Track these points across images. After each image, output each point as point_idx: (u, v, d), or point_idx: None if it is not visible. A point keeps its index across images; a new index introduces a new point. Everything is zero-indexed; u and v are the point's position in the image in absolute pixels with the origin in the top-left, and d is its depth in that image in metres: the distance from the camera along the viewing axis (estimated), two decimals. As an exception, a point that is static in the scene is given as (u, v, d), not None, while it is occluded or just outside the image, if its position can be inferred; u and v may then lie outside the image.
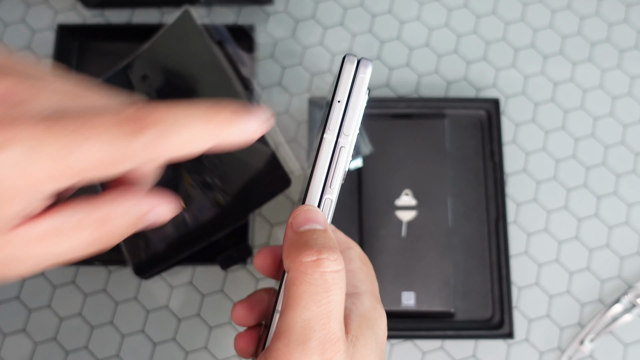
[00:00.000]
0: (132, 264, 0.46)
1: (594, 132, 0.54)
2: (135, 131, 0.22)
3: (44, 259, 0.24)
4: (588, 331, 0.49)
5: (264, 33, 0.56)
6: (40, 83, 0.24)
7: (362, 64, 0.30)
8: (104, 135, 0.22)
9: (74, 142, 0.22)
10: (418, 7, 0.57)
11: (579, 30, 0.56)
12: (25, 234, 0.23)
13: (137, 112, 0.23)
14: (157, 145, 0.23)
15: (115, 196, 0.26)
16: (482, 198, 0.51)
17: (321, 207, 0.29)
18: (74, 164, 0.22)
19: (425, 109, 0.52)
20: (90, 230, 0.25)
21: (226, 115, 0.25)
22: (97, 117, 0.22)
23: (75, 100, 0.24)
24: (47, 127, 0.22)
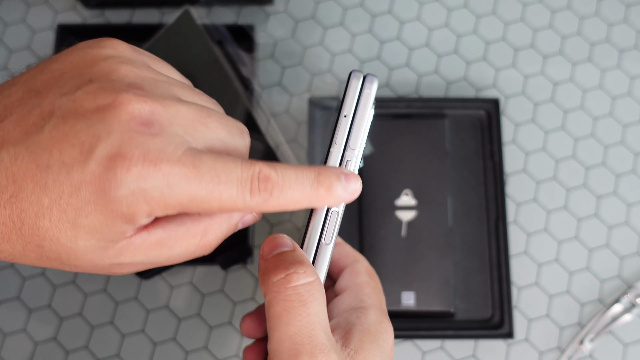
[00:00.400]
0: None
1: (594, 132, 0.54)
2: (254, 191, 0.26)
3: (153, 263, 0.27)
4: (588, 331, 0.49)
5: (264, 33, 0.56)
6: (173, 107, 0.26)
7: (368, 80, 0.31)
8: (228, 193, 0.25)
9: (204, 192, 0.25)
10: (418, 7, 0.57)
11: (578, 31, 0.56)
12: (141, 242, 0.26)
13: (258, 173, 0.26)
14: (266, 203, 0.26)
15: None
16: (482, 198, 0.51)
17: (328, 219, 0.31)
18: (203, 205, 0.25)
19: (425, 109, 0.52)
20: (194, 242, 0.27)
21: (326, 189, 0.28)
22: (227, 170, 0.25)
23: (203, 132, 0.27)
24: (185, 172, 0.24)
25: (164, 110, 0.25)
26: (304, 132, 0.53)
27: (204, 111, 0.27)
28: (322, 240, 0.31)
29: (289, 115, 0.54)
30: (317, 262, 0.31)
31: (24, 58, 0.56)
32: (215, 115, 0.28)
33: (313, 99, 0.53)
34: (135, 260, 0.27)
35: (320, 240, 0.31)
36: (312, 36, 0.56)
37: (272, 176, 0.26)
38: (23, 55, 0.56)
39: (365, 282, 0.35)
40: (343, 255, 0.37)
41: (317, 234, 0.31)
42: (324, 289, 0.29)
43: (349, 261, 0.36)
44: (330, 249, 0.31)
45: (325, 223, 0.31)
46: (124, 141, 0.24)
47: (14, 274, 0.51)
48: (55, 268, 0.26)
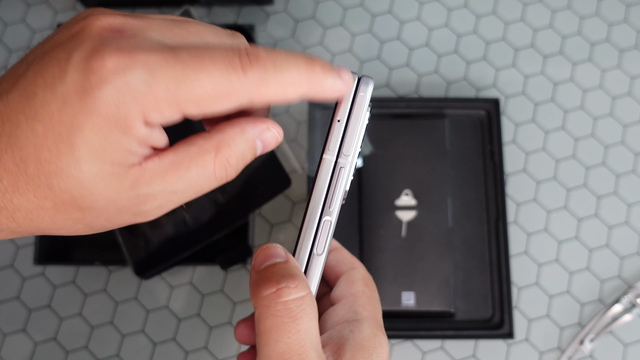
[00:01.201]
0: (132, 264, 0.46)
1: (594, 132, 0.54)
2: (244, 67, 0.24)
3: (171, 197, 0.26)
4: (588, 331, 0.49)
5: (264, 33, 0.56)
6: (146, 19, 0.25)
7: (363, 82, 0.30)
8: (216, 68, 0.23)
9: (189, 71, 0.23)
10: (418, 7, 0.57)
11: (578, 31, 0.56)
12: (153, 167, 0.25)
13: (246, 50, 0.24)
14: (262, 83, 0.24)
15: (226, 124, 0.27)
16: (482, 198, 0.51)
17: (320, 228, 0.29)
18: (188, 93, 0.23)
19: (425, 109, 0.52)
20: (209, 158, 0.26)
21: (321, 67, 0.26)
22: (209, 51, 0.24)
23: (182, 35, 0.25)
24: (164, 57, 0.23)
25: (136, 20, 0.25)
26: (304, 132, 0.53)
27: (186, 19, 0.26)
28: (314, 250, 0.29)
29: (289, 115, 0.54)
30: (309, 273, 0.29)
31: (24, 58, 0.56)
32: (199, 23, 0.26)
33: (313, 99, 0.53)
34: (154, 190, 0.25)
35: (312, 251, 0.29)
36: (312, 36, 0.56)
37: (261, 53, 0.25)
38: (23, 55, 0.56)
39: (361, 291, 0.33)
40: (340, 261, 0.35)
41: (309, 244, 0.29)
42: (315, 303, 0.28)
43: (345, 268, 0.35)
44: (322, 260, 0.29)
45: (317, 232, 0.29)
46: (96, 44, 0.23)
47: (14, 274, 0.51)
48: (76, 222, 0.25)
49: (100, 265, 0.51)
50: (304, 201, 0.52)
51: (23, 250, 0.51)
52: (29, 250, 0.51)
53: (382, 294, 0.49)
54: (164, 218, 0.46)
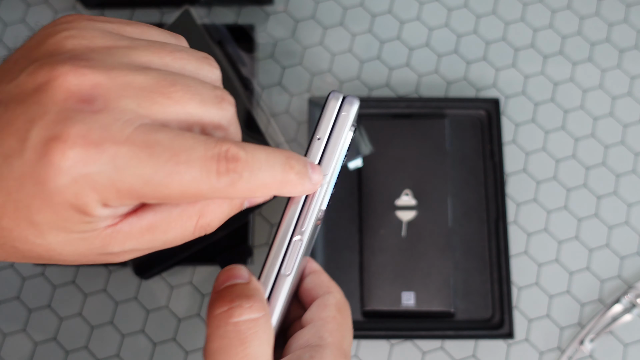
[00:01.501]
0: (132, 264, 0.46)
1: (594, 132, 0.54)
2: (220, 172, 0.23)
3: (148, 249, 0.25)
4: (588, 331, 0.49)
5: (264, 33, 0.56)
6: (123, 77, 0.23)
7: (347, 102, 0.29)
8: (190, 175, 0.22)
9: (160, 175, 0.22)
10: (418, 7, 0.57)
11: (578, 30, 0.56)
12: (129, 229, 0.24)
13: (225, 152, 0.23)
14: (232, 187, 0.23)
15: None
16: (482, 198, 0.51)
17: (289, 248, 0.28)
18: (153, 194, 0.22)
19: (425, 109, 0.52)
20: (190, 224, 0.25)
21: (296, 174, 0.25)
22: (188, 150, 0.22)
23: (162, 103, 0.23)
24: (135, 152, 0.22)
25: (110, 81, 0.22)
26: (304, 132, 0.53)
27: (168, 79, 0.23)
28: (282, 270, 0.28)
29: (289, 115, 0.54)
30: (274, 294, 0.28)
31: (24, 58, 0.56)
32: (183, 83, 0.24)
33: (313, 99, 0.53)
34: (127, 248, 0.24)
35: (280, 271, 0.28)
36: (312, 36, 0.56)
37: (242, 155, 0.23)
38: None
39: (332, 316, 0.31)
40: (317, 285, 0.33)
41: (277, 264, 0.28)
42: (271, 327, 0.27)
43: (321, 292, 0.32)
44: (289, 281, 0.28)
45: (286, 252, 0.28)
46: (59, 121, 0.21)
47: (13, 274, 0.51)
48: (48, 263, 0.25)
49: (101, 265, 0.51)
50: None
51: (23, 250, 0.51)
52: (29, 250, 0.51)
53: (382, 294, 0.49)
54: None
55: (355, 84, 0.55)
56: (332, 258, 0.50)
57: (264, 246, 0.51)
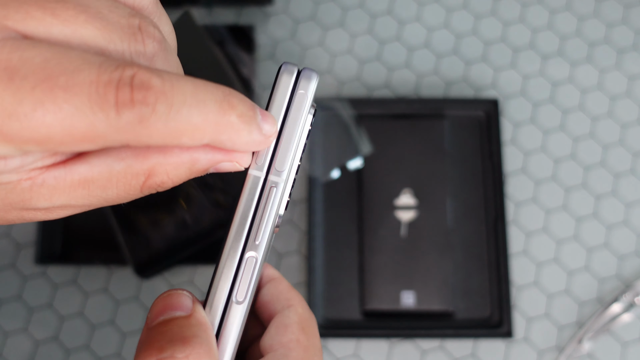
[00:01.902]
0: (132, 264, 0.47)
1: (593, 132, 0.54)
2: (120, 105, 0.16)
3: (84, 205, 0.20)
4: (586, 330, 0.49)
5: (264, 34, 0.56)
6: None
7: (304, 77, 0.22)
8: (72, 104, 0.16)
9: (25, 104, 0.16)
10: (417, 8, 0.57)
11: (577, 31, 0.56)
12: (55, 183, 0.19)
13: (130, 77, 0.17)
14: (146, 125, 0.17)
15: (174, 146, 0.20)
16: (481, 198, 0.51)
17: (241, 268, 0.22)
18: (21, 131, 0.16)
19: (425, 110, 0.53)
20: (136, 183, 0.19)
21: (239, 116, 0.19)
22: (72, 72, 0.16)
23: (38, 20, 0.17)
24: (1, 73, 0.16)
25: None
26: (304, 133, 0.53)
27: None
28: (233, 297, 0.22)
29: (289, 116, 0.54)
30: (225, 327, 0.22)
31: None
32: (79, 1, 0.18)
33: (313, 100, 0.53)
34: (56, 204, 0.19)
35: (230, 298, 0.22)
36: (312, 37, 0.56)
37: (155, 83, 0.17)
38: None
39: (295, 340, 0.26)
40: (275, 297, 0.28)
41: (226, 289, 0.22)
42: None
43: (280, 306, 0.27)
44: (243, 309, 0.22)
45: (237, 273, 0.22)
46: None
47: (15, 274, 0.51)
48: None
49: (101, 265, 0.51)
50: (304, 201, 0.52)
51: (24, 250, 0.51)
52: (30, 250, 0.51)
53: (382, 294, 0.49)
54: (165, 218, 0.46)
55: (355, 85, 0.55)
56: (332, 258, 0.50)
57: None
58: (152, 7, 0.20)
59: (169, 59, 0.20)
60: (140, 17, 0.19)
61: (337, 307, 0.49)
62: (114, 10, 0.18)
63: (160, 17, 0.21)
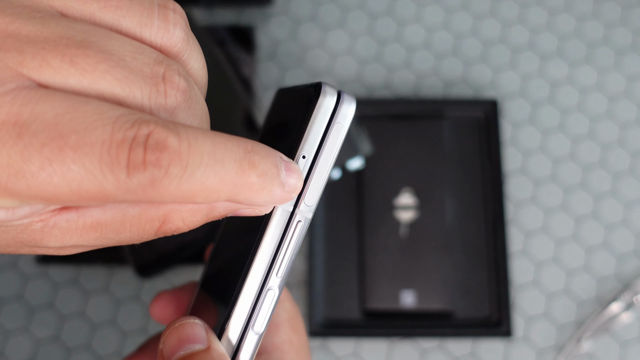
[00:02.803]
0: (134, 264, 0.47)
1: (592, 132, 0.54)
2: (133, 166, 0.15)
3: (95, 245, 0.19)
4: (585, 329, 0.49)
5: (264, 34, 0.56)
6: (7, 23, 0.16)
7: (345, 103, 0.21)
8: (85, 162, 0.15)
9: (45, 158, 0.15)
10: (417, 8, 0.57)
11: (576, 32, 0.57)
12: (67, 226, 0.18)
13: (145, 136, 0.15)
14: (158, 188, 0.16)
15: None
16: (480, 198, 0.51)
17: (260, 301, 0.22)
18: (42, 188, 0.15)
19: (424, 110, 0.53)
20: (150, 228, 0.19)
21: (259, 176, 0.18)
22: (84, 131, 0.15)
23: (54, 69, 0.16)
24: (10, 123, 0.15)
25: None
26: (304, 133, 0.54)
27: (80, 36, 0.16)
28: (251, 327, 0.22)
29: (289, 116, 0.54)
30: (239, 356, 0.22)
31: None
32: (100, 47, 0.16)
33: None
34: (68, 244, 0.19)
35: (248, 328, 0.22)
36: (312, 37, 0.57)
37: (171, 143, 0.16)
38: None
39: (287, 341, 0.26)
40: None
41: (245, 318, 0.22)
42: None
43: None
44: (259, 339, 0.22)
45: (257, 304, 0.22)
46: None
47: (16, 273, 0.51)
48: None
49: (102, 265, 0.51)
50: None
51: (26, 249, 0.51)
52: (32, 249, 0.51)
53: (381, 294, 0.49)
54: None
55: (355, 85, 0.55)
56: (332, 258, 0.50)
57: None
58: (182, 44, 0.19)
59: (193, 110, 0.19)
60: (167, 64, 0.18)
61: (337, 307, 0.49)
62: (138, 56, 0.17)
63: (191, 54, 0.20)
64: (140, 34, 0.18)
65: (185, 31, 0.19)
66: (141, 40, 0.18)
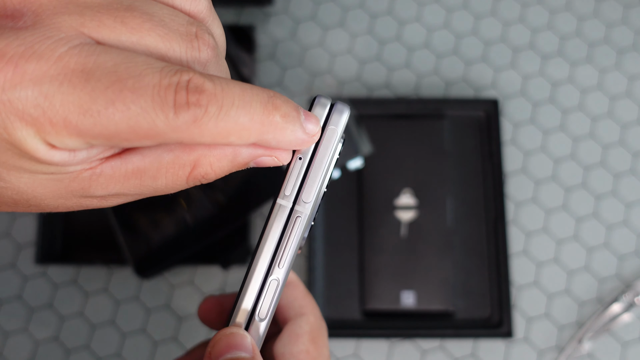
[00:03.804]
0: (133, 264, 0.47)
1: (593, 132, 0.54)
2: (178, 106, 0.18)
3: (136, 194, 0.22)
4: (586, 330, 0.49)
5: (264, 34, 0.56)
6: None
7: (336, 111, 0.24)
8: (138, 105, 0.18)
9: (99, 103, 0.18)
10: (417, 8, 0.57)
11: (577, 31, 0.56)
12: (112, 172, 0.21)
13: (187, 82, 0.19)
14: (196, 127, 0.19)
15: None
16: (481, 198, 0.51)
17: (264, 290, 0.24)
18: (93, 128, 0.18)
19: (425, 110, 0.53)
20: (183, 173, 0.21)
21: (282, 115, 0.21)
22: (136, 76, 0.18)
23: (115, 29, 0.19)
24: (69, 77, 0.18)
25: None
26: (304, 133, 0.54)
27: (127, 1, 0.20)
28: (256, 315, 0.24)
29: (289, 116, 0.54)
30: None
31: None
32: (143, 9, 0.20)
33: (313, 100, 0.53)
34: (112, 192, 0.21)
35: (253, 315, 0.24)
36: (312, 37, 0.56)
37: (208, 87, 0.19)
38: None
39: (304, 351, 0.28)
40: (290, 302, 0.30)
41: (250, 306, 0.24)
42: None
43: (293, 313, 0.29)
44: (265, 326, 0.25)
45: (261, 293, 0.24)
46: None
47: (15, 273, 0.51)
48: (28, 209, 0.21)
49: (102, 265, 0.51)
50: (304, 201, 0.52)
51: (24, 250, 0.51)
52: (31, 250, 0.51)
53: (382, 294, 0.49)
54: (165, 218, 0.46)
55: (355, 85, 0.55)
56: (332, 258, 0.50)
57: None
58: (206, 12, 0.22)
59: (220, 64, 0.22)
60: (197, 25, 0.21)
61: (337, 307, 0.49)
62: (174, 18, 0.20)
63: (214, 21, 0.23)
64: (173, 2, 0.21)
65: (209, 1, 0.23)
66: (174, 6, 0.21)
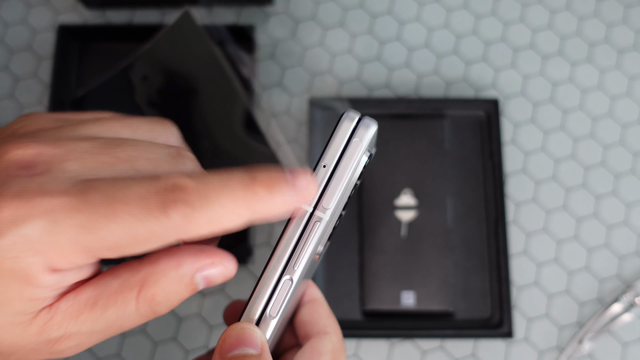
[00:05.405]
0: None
1: (593, 132, 0.54)
2: (166, 207, 0.21)
3: (88, 337, 0.23)
4: (587, 330, 0.49)
5: (264, 34, 0.56)
6: (69, 145, 0.22)
7: (363, 125, 0.25)
8: (129, 213, 0.20)
9: (97, 218, 0.20)
10: (418, 7, 0.57)
11: (577, 31, 0.56)
12: (66, 307, 0.22)
13: (171, 185, 0.21)
14: (187, 222, 0.21)
15: (161, 253, 0.23)
16: (481, 198, 0.51)
17: (278, 288, 0.25)
18: (98, 241, 0.21)
19: (425, 110, 0.53)
20: (131, 296, 0.22)
21: (264, 187, 0.22)
22: (124, 189, 0.21)
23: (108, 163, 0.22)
24: (70, 201, 0.20)
25: (55, 149, 0.22)
26: (304, 133, 0.53)
27: (115, 142, 0.23)
28: (267, 312, 0.25)
29: (289, 116, 0.54)
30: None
31: (25, 58, 0.56)
32: (130, 144, 0.23)
33: (313, 100, 0.53)
34: (69, 331, 0.22)
35: (265, 312, 0.25)
36: (312, 37, 0.56)
37: (188, 184, 0.21)
38: (24, 55, 0.56)
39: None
40: (314, 320, 0.30)
41: (262, 303, 0.25)
42: None
43: (316, 330, 0.30)
44: (275, 324, 0.25)
45: (274, 292, 0.25)
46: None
47: (15, 273, 0.51)
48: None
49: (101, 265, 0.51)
50: (304, 201, 0.52)
51: (24, 250, 0.51)
52: (30, 250, 0.51)
53: (382, 294, 0.49)
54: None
55: (355, 85, 0.55)
56: (332, 258, 0.50)
57: (264, 246, 0.51)
58: (179, 142, 0.26)
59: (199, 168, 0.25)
60: (174, 147, 0.24)
61: (337, 307, 0.49)
62: (155, 145, 0.24)
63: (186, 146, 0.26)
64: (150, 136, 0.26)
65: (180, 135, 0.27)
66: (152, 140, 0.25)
